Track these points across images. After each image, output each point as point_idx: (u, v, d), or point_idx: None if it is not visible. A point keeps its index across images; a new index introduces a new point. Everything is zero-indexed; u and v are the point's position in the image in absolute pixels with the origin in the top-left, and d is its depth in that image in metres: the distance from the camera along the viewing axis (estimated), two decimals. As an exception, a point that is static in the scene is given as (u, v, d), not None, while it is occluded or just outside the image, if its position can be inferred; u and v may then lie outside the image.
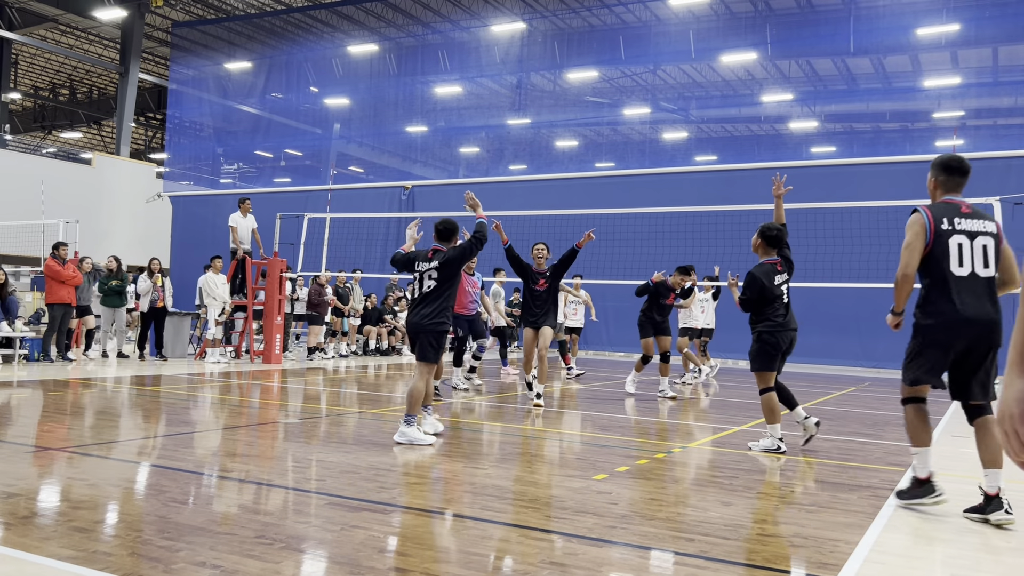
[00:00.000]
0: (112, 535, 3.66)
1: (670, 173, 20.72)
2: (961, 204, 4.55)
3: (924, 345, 4.50)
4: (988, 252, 4.48)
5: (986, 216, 4.58)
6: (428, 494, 4.71)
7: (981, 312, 4.39)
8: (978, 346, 4.42)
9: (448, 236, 6.81)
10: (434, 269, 6.58)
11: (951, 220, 4.46)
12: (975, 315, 4.37)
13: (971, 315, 4.37)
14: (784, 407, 6.64)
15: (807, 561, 3.65)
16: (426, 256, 6.67)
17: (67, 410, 7.94)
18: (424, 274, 6.61)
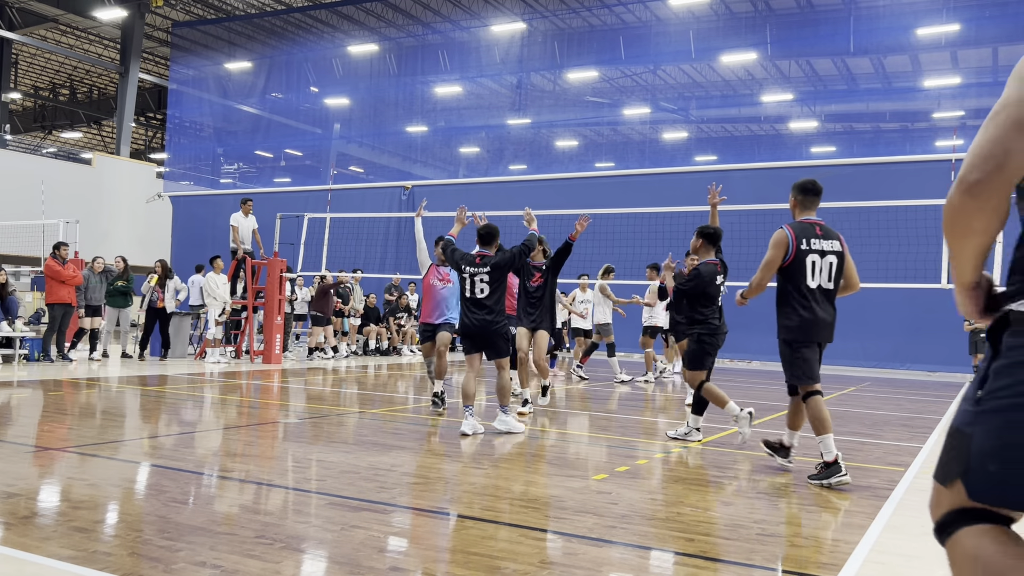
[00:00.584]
0: (112, 535, 3.66)
1: (670, 173, 20.71)
2: (816, 225, 5.40)
3: (798, 347, 5.34)
4: (833, 268, 5.36)
5: (834, 235, 5.42)
6: (428, 494, 4.71)
7: (827, 317, 5.33)
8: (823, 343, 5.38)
9: (490, 240, 7.24)
10: (485, 274, 6.99)
11: (808, 240, 5.32)
12: (823, 319, 5.31)
13: (820, 319, 5.30)
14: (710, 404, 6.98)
15: (807, 561, 3.65)
16: (473, 260, 7.06)
17: (67, 410, 7.94)
18: (475, 278, 7.01)
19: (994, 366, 1.61)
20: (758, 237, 15.11)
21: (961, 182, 1.55)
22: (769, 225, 15.17)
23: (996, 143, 1.52)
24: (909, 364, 17.85)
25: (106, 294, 14.15)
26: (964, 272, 1.69)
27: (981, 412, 1.60)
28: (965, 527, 1.64)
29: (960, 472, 1.63)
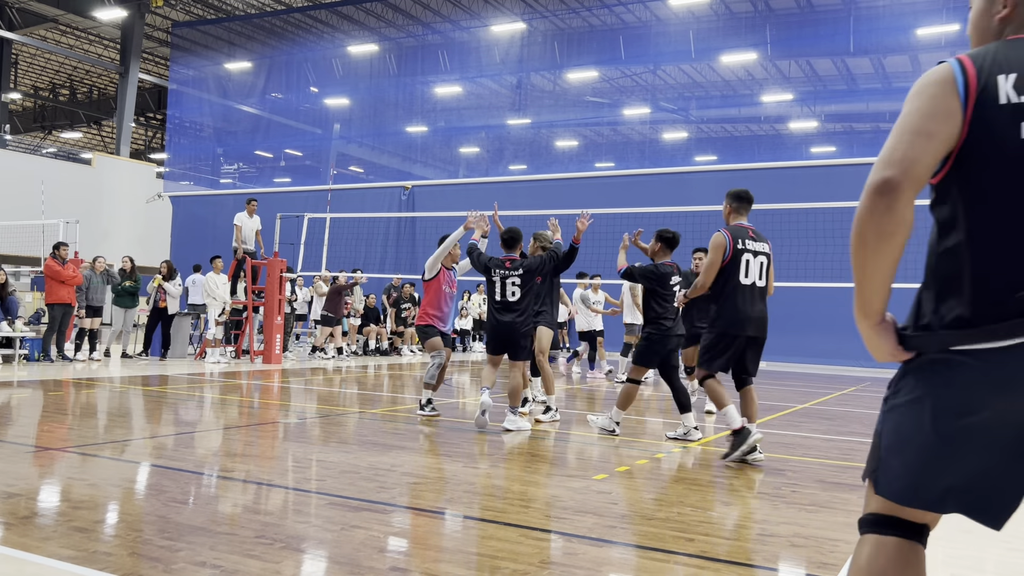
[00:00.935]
0: (112, 535, 3.66)
1: (670, 173, 20.71)
2: (749, 229, 5.99)
3: (720, 337, 5.90)
4: (763, 268, 5.92)
5: (764, 239, 6.04)
6: (428, 494, 4.71)
7: (758, 311, 5.87)
8: (757, 336, 5.89)
9: (513, 244, 7.48)
10: (518, 276, 7.24)
11: (743, 241, 5.88)
12: (755, 314, 5.83)
13: (752, 314, 5.82)
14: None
15: (807, 561, 3.65)
16: (503, 264, 7.31)
17: (67, 410, 7.94)
18: (506, 281, 7.25)
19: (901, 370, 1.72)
20: (758, 237, 15.13)
21: (869, 185, 1.64)
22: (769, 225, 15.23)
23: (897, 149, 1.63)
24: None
25: (114, 294, 14.17)
26: (872, 299, 1.70)
27: (887, 412, 1.73)
28: (871, 534, 1.73)
29: (871, 470, 1.75)
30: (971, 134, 1.61)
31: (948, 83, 1.64)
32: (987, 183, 1.61)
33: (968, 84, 1.62)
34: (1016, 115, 1.59)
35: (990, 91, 1.61)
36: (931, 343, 1.64)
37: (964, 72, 1.63)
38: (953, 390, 1.60)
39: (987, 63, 1.63)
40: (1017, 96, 1.60)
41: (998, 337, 1.54)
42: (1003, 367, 1.54)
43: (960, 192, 1.64)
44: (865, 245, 1.65)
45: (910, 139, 1.62)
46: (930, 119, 1.62)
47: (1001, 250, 1.58)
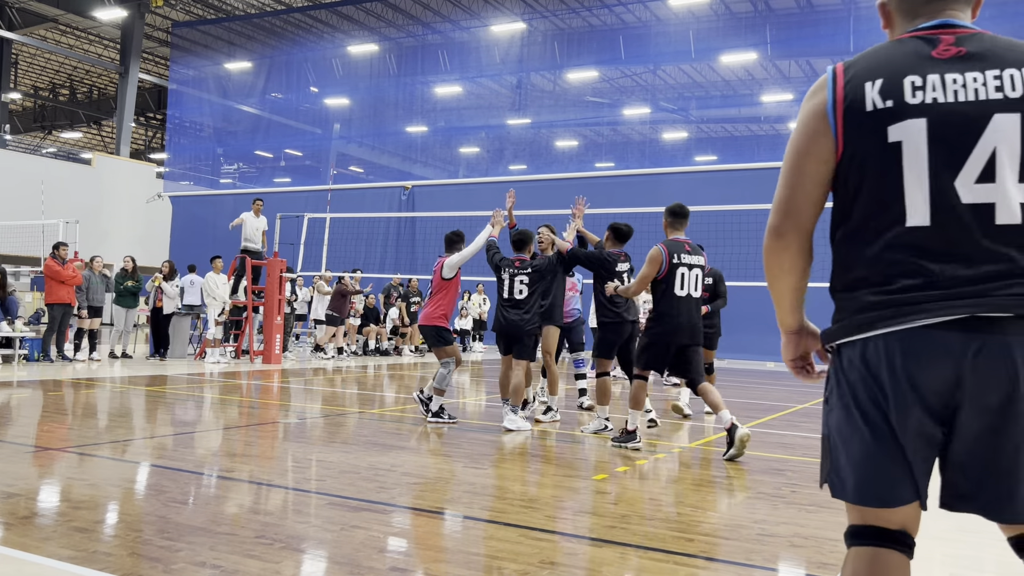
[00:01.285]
0: (112, 535, 3.66)
1: (670, 173, 20.70)
2: (685, 243, 6.40)
3: (652, 342, 6.34)
4: (698, 279, 6.37)
5: (700, 253, 6.46)
6: (428, 494, 4.71)
7: (692, 321, 6.30)
8: (692, 343, 6.33)
9: (522, 246, 7.58)
10: (526, 275, 7.40)
11: (679, 255, 6.29)
12: (685, 323, 6.26)
13: (685, 323, 6.26)
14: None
15: (807, 561, 3.65)
16: (513, 264, 7.48)
17: (67, 410, 7.94)
18: (515, 279, 7.40)
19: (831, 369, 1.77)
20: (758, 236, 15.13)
21: (768, 227, 1.79)
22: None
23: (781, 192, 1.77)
24: None
25: (116, 294, 14.18)
26: (783, 317, 1.87)
27: (828, 412, 1.76)
28: (851, 547, 1.73)
29: (825, 475, 1.77)
30: (846, 145, 1.69)
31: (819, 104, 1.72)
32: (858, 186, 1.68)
33: (836, 96, 1.69)
34: (882, 120, 1.64)
35: (858, 100, 1.67)
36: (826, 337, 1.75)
37: (835, 83, 1.71)
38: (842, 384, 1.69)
39: (857, 71, 1.70)
40: (883, 102, 1.65)
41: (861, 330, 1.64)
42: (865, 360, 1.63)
43: (837, 195, 1.75)
44: (770, 275, 1.82)
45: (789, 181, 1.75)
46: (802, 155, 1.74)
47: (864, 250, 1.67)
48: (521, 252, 7.63)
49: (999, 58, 1.64)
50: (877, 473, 1.65)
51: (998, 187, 1.58)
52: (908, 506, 1.67)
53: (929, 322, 1.57)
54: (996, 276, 1.56)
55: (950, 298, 1.57)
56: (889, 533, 1.69)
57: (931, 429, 1.61)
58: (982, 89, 1.61)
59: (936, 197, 1.60)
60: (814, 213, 1.77)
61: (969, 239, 1.58)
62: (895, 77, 1.66)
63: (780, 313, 1.87)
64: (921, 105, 1.63)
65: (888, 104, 1.64)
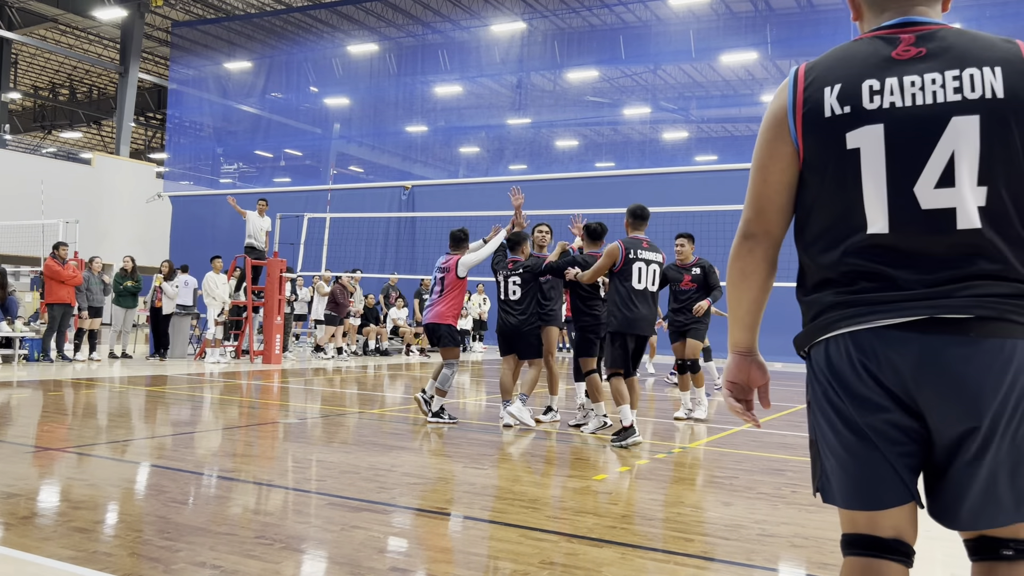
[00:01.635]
0: (112, 535, 3.66)
1: (670, 173, 20.69)
2: (643, 241, 6.72)
3: (616, 337, 6.59)
4: (655, 274, 6.67)
5: (658, 250, 6.78)
6: (428, 494, 4.71)
7: (649, 314, 6.61)
8: (646, 335, 6.64)
9: (515, 247, 7.68)
10: (518, 276, 7.52)
11: (636, 251, 6.60)
12: (644, 316, 6.57)
13: (642, 316, 6.55)
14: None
15: (807, 561, 3.65)
16: (506, 265, 7.60)
17: (67, 410, 7.94)
18: (508, 280, 7.53)
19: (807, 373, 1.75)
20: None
21: (738, 229, 1.78)
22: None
23: (750, 196, 1.76)
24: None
25: (116, 294, 14.18)
26: (734, 329, 1.83)
27: (810, 417, 1.74)
28: (846, 556, 1.69)
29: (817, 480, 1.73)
30: (806, 151, 1.66)
31: (780, 109, 1.70)
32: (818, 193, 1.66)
33: (796, 101, 1.67)
34: (840, 127, 1.61)
35: (817, 105, 1.64)
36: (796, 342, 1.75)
37: (795, 89, 1.68)
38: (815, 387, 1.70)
39: (817, 75, 1.67)
40: (840, 107, 1.62)
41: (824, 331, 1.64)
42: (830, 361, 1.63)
43: (800, 200, 1.72)
44: (731, 281, 1.79)
45: (756, 188, 1.74)
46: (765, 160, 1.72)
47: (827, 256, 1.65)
48: (515, 253, 7.70)
49: (960, 57, 1.60)
50: (860, 475, 1.61)
51: (957, 192, 1.55)
52: (900, 510, 1.62)
53: (889, 322, 1.55)
54: (956, 279, 1.54)
55: (910, 299, 1.55)
56: (882, 542, 1.64)
57: (906, 422, 1.57)
58: (940, 91, 1.58)
59: (895, 204, 1.58)
60: (781, 220, 1.74)
61: (929, 245, 1.56)
62: (853, 81, 1.63)
63: (734, 328, 1.83)
64: (879, 110, 1.60)
65: (846, 110, 1.61)
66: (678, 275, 8.18)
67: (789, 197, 1.72)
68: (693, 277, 8.14)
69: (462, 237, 8.07)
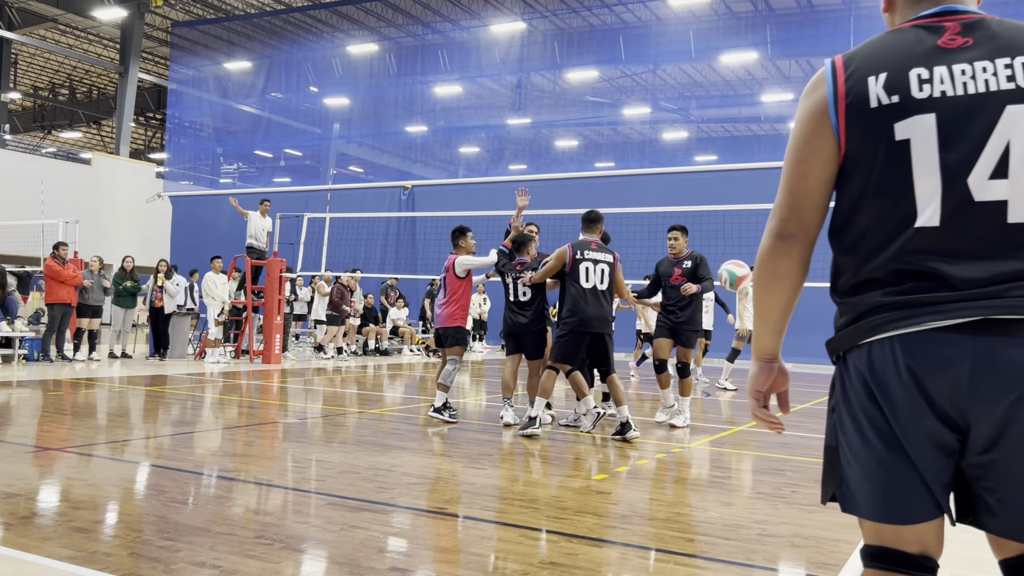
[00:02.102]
0: (112, 535, 3.66)
1: (670, 173, 20.70)
2: (592, 243, 7.07)
3: (567, 333, 6.86)
4: (604, 274, 6.93)
5: (607, 251, 7.08)
6: (428, 494, 4.71)
7: (600, 311, 6.86)
8: (600, 331, 6.85)
9: (520, 249, 7.75)
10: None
11: (583, 252, 6.96)
12: (595, 314, 6.83)
13: (592, 313, 6.82)
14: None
15: (807, 561, 3.65)
16: (514, 267, 7.69)
17: (67, 410, 7.93)
18: (517, 282, 7.59)
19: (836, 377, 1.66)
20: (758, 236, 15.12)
21: (769, 228, 1.69)
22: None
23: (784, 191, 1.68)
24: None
25: (115, 294, 14.19)
26: (761, 335, 1.75)
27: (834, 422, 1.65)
28: (870, 568, 1.63)
29: (834, 487, 1.66)
30: (849, 143, 1.59)
31: (819, 101, 1.63)
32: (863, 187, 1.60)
33: (837, 92, 1.60)
34: (888, 117, 1.55)
35: (861, 96, 1.58)
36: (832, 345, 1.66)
37: (835, 80, 1.62)
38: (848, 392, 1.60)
39: (858, 65, 1.60)
40: (888, 97, 1.56)
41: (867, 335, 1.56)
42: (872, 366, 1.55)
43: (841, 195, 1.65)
44: (762, 283, 1.71)
45: (791, 185, 1.66)
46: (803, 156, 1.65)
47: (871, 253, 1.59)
48: (521, 255, 7.75)
49: (1009, 45, 1.54)
50: (890, 487, 1.54)
51: (1011, 183, 1.49)
52: (927, 524, 1.56)
53: (939, 325, 1.49)
54: (1010, 277, 1.48)
55: (962, 300, 1.49)
56: (908, 558, 1.57)
57: (945, 437, 1.51)
58: (992, 79, 1.51)
59: (948, 197, 1.52)
60: (819, 218, 1.68)
61: (981, 239, 1.50)
62: (900, 70, 1.56)
63: (760, 333, 1.75)
64: (929, 99, 1.53)
65: (894, 99, 1.55)
66: (669, 269, 7.84)
67: (827, 193, 1.66)
68: (683, 271, 7.78)
69: (457, 235, 8.12)
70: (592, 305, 6.84)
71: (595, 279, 6.90)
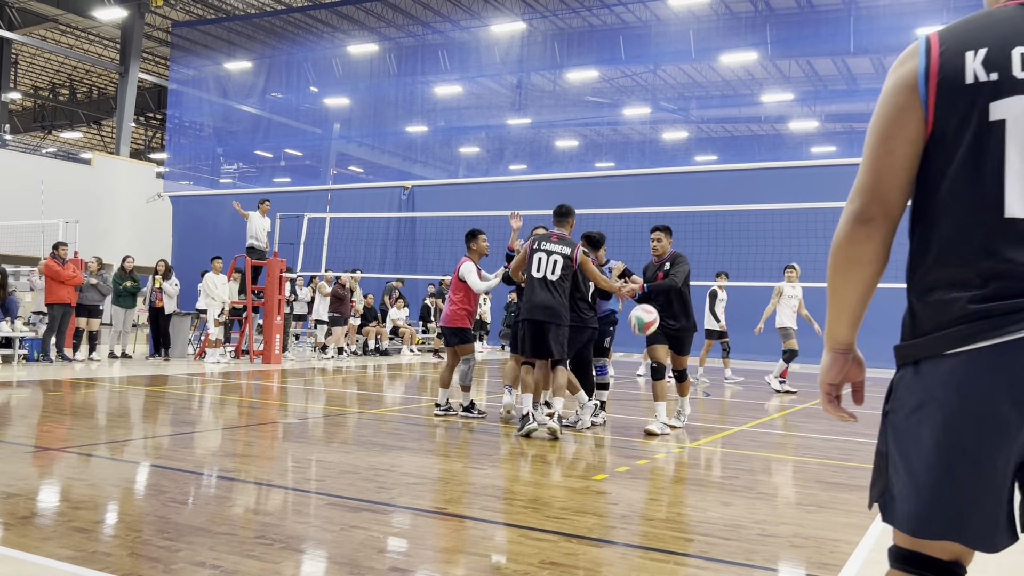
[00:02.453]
0: (112, 535, 3.66)
1: (670, 173, 20.70)
2: (553, 235, 7.22)
3: (516, 322, 7.20)
4: (555, 265, 7.02)
5: (567, 244, 7.13)
6: (428, 494, 4.71)
7: (545, 300, 6.95)
8: (546, 320, 6.92)
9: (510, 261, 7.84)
10: None
11: (540, 243, 7.16)
12: (541, 302, 6.96)
13: (538, 302, 6.96)
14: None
15: (807, 561, 3.65)
16: None
17: (67, 410, 7.93)
18: None
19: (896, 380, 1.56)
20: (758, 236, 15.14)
21: (847, 212, 1.57)
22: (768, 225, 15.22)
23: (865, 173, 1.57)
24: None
25: (115, 294, 14.19)
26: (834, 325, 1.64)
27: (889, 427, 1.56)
28: (893, 570, 1.57)
29: (878, 494, 1.58)
30: (937, 121, 1.49)
31: (908, 74, 1.52)
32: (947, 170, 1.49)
33: (931, 65, 1.50)
34: (984, 95, 1.45)
35: (956, 70, 1.47)
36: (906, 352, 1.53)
37: (928, 53, 1.51)
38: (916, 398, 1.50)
39: (955, 40, 1.50)
40: (986, 74, 1.45)
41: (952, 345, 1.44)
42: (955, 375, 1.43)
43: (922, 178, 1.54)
44: (839, 271, 1.60)
45: (874, 165, 1.56)
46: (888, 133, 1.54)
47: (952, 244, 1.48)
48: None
49: None
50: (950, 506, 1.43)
51: None
52: None
53: None
54: None
55: None
56: (939, 564, 1.50)
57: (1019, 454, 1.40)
58: None
59: None
60: (902, 202, 1.55)
61: None
62: (1002, 47, 1.45)
63: (835, 323, 1.63)
64: None
65: (992, 77, 1.44)
66: (653, 274, 7.48)
67: (912, 174, 1.54)
68: (665, 273, 7.35)
69: (467, 238, 8.21)
70: (537, 294, 6.98)
71: (545, 269, 7.02)
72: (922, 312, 1.51)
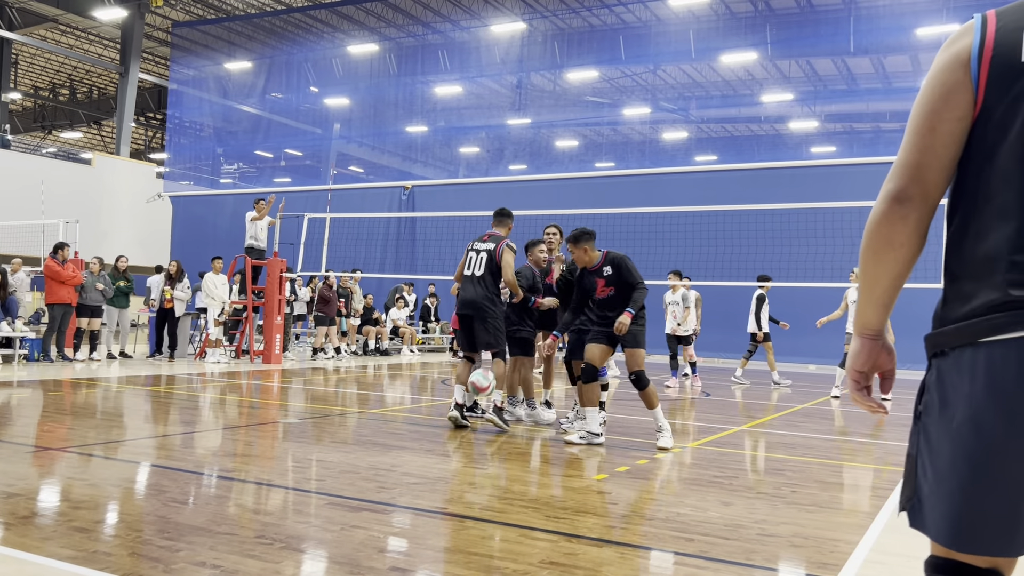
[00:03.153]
0: (112, 535, 3.66)
1: (670, 173, 20.72)
2: (486, 234, 7.55)
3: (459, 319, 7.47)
4: (482, 261, 7.36)
5: (494, 240, 7.42)
6: (428, 494, 4.71)
7: (469, 295, 7.31)
8: (472, 314, 7.25)
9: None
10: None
11: (474, 243, 7.54)
12: (465, 297, 7.36)
13: (464, 297, 7.37)
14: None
15: (807, 561, 3.65)
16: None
17: (67, 410, 7.94)
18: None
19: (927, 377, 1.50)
20: (758, 236, 15.14)
21: (885, 191, 1.51)
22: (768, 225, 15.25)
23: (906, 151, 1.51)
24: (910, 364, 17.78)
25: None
26: (865, 309, 1.57)
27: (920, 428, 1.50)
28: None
29: (906, 499, 1.52)
30: (987, 99, 1.43)
31: (961, 51, 1.46)
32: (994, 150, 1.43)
33: (985, 41, 1.44)
34: None
35: (1011, 47, 1.41)
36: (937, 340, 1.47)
37: (984, 29, 1.45)
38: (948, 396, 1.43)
39: (1015, 16, 1.44)
40: None
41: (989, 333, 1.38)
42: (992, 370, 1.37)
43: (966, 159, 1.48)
44: (872, 251, 1.53)
45: (916, 143, 1.48)
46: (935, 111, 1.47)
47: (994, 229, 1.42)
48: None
49: None
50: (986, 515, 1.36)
51: None
52: None
53: None
54: None
55: None
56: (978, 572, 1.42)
57: None
58: None
59: None
60: (943, 182, 1.49)
61: None
62: None
63: (865, 307, 1.56)
64: None
65: None
66: (591, 282, 6.60)
67: (955, 154, 1.47)
68: (607, 279, 6.51)
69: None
70: (465, 289, 7.39)
71: (473, 266, 7.40)
72: (955, 299, 1.46)
